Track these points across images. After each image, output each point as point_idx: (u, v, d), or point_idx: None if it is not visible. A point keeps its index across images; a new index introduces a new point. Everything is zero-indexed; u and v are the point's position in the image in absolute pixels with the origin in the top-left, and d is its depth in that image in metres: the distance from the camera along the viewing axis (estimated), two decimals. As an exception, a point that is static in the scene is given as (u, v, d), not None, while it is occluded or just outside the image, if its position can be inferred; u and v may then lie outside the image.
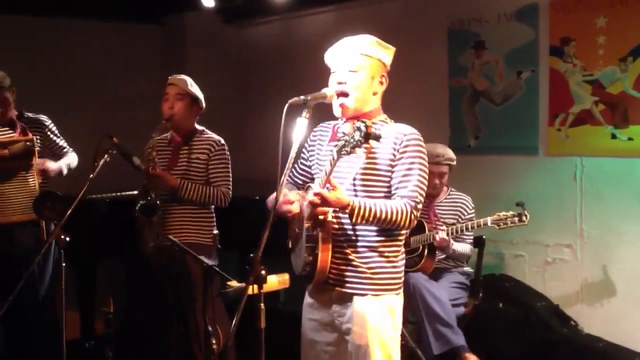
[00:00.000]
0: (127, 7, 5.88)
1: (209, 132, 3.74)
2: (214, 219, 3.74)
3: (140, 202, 3.41)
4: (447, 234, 3.76)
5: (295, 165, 2.70)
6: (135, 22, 6.29)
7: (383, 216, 2.31)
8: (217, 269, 2.60)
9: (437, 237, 3.73)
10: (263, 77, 6.28)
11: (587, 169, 4.28)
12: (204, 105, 3.72)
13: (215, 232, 3.70)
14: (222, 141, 3.69)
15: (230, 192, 3.64)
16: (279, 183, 2.21)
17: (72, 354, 3.18)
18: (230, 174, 3.67)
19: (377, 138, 2.14)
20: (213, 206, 3.70)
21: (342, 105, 2.42)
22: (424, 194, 2.41)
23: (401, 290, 2.52)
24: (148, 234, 3.44)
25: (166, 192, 3.54)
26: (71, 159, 4.12)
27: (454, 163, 4.00)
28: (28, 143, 3.84)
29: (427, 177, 2.42)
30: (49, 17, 5.65)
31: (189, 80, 3.67)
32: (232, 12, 6.23)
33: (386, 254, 2.44)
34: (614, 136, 4.13)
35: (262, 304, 2.13)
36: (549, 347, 4.07)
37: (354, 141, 2.13)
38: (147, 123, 3.67)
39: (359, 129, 2.12)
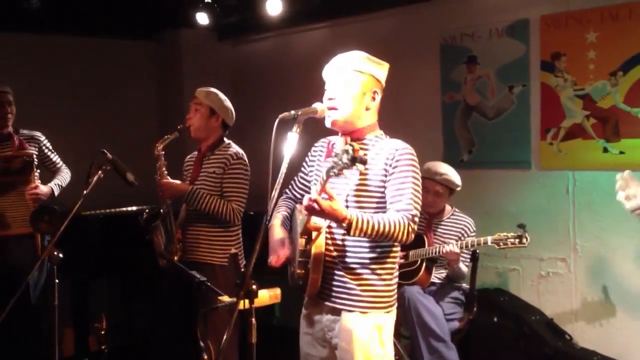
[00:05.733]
0: (123, 24, 5.91)
1: (233, 145, 3.64)
2: (233, 239, 3.57)
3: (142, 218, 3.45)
4: (461, 247, 3.70)
5: (296, 179, 2.73)
6: (131, 38, 6.33)
7: (382, 229, 2.29)
8: (209, 284, 2.60)
9: (448, 249, 3.69)
10: (257, 93, 6.29)
11: (580, 183, 4.30)
12: (227, 117, 3.66)
13: (233, 251, 3.55)
14: (240, 155, 3.56)
15: (242, 209, 3.50)
16: (269, 198, 2.22)
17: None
18: (245, 190, 3.53)
19: (363, 162, 2.13)
20: (232, 225, 3.54)
21: (331, 118, 2.46)
22: (420, 208, 2.40)
23: (393, 308, 2.50)
24: (158, 243, 3.47)
25: (174, 199, 3.52)
26: (63, 177, 4.16)
27: (455, 188, 3.92)
28: (27, 158, 3.89)
29: (420, 190, 2.42)
30: (46, 34, 5.67)
31: (212, 91, 3.65)
32: (227, 29, 6.27)
33: (378, 272, 2.43)
34: (605, 150, 4.15)
35: (253, 319, 2.12)
36: (544, 361, 4.07)
37: (342, 164, 2.15)
38: (143, 139, 3.67)
39: (346, 152, 2.13)
